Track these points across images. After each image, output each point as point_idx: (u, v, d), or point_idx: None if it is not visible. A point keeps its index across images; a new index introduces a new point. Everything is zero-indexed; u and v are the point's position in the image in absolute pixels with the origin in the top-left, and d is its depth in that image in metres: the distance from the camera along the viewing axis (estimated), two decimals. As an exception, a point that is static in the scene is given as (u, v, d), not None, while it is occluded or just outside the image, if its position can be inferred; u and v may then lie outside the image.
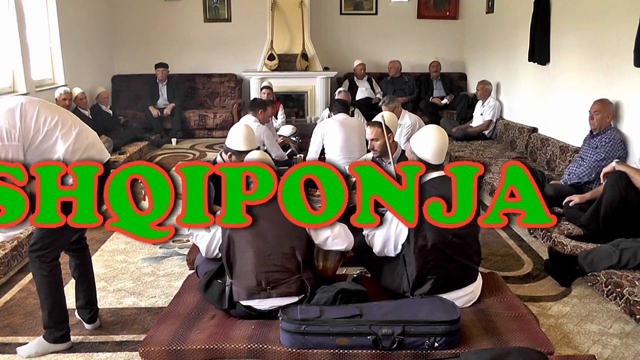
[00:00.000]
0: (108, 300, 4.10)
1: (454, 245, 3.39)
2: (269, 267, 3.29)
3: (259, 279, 3.29)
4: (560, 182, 5.67)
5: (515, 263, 4.78)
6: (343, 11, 11.36)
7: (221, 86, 11.23)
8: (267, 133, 6.66)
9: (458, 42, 11.51)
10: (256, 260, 3.29)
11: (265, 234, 3.30)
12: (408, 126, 6.66)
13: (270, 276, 3.30)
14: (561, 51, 7.19)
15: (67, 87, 8.18)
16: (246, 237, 3.31)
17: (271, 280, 3.30)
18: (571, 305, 4.01)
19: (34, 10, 8.32)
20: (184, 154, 9.16)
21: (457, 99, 10.33)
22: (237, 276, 3.34)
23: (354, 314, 3.06)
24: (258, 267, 3.29)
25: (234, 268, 3.35)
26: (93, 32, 10.20)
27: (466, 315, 3.31)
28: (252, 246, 3.30)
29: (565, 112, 7.06)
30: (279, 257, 3.30)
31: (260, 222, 3.28)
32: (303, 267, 3.35)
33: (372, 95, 10.36)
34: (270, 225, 3.31)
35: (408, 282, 3.41)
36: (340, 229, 3.46)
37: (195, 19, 11.13)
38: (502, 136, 8.71)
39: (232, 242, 3.33)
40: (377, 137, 4.74)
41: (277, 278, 3.30)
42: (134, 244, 5.17)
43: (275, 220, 3.29)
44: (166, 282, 4.40)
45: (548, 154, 7.04)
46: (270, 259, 3.30)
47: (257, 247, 3.30)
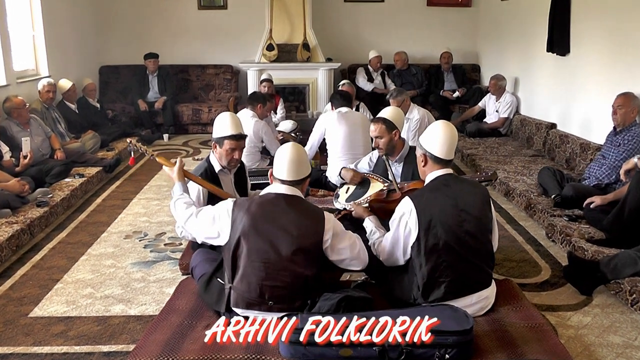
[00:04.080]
0: (95, 308, 4.09)
1: (467, 245, 3.40)
2: (276, 281, 3.27)
3: (263, 291, 3.28)
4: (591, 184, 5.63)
5: (532, 269, 4.76)
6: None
7: (216, 78, 11.23)
8: (265, 129, 6.66)
9: (471, 32, 11.50)
10: (264, 272, 3.26)
11: (280, 246, 3.26)
12: (416, 120, 6.66)
13: (276, 291, 3.29)
14: (582, 41, 7.17)
15: (51, 79, 8.17)
16: (258, 245, 3.26)
17: (275, 295, 3.29)
18: (592, 315, 4.00)
19: (15, -4, 8.31)
20: (177, 151, 9.15)
21: (469, 93, 10.34)
22: (239, 282, 3.32)
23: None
24: (265, 280, 3.27)
25: (236, 272, 3.33)
26: (79, 19, 10.20)
27: (479, 325, 3.31)
28: (263, 257, 3.26)
29: (586, 106, 7.05)
30: (289, 274, 3.27)
31: (277, 231, 3.27)
32: (312, 287, 3.35)
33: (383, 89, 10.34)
34: (287, 238, 3.27)
35: (419, 288, 3.41)
36: (359, 251, 3.46)
37: (189, 6, 11.12)
38: (518, 132, 8.70)
39: (240, 246, 3.28)
40: (382, 135, 4.73)
41: (283, 295, 3.30)
42: (123, 248, 5.18)
43: (293, 233, 3.27)
44: (157, 289, 4.40)
45: (567, 151, 7.04)
46: (279, 274, 3.27)
47: (269, 260, 3.26)
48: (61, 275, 4.63)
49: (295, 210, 3.32)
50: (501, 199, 6.46)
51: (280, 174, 3.40)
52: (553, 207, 5.54)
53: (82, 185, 6.66)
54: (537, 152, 7.88)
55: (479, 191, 3.55)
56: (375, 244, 3.72)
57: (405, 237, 3.44)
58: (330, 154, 6.25)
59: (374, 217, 4.07)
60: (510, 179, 6.54)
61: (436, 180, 3.51)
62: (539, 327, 3.34)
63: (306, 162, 3.49)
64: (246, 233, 3.26)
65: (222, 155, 4.30)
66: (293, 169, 3.39)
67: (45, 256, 5.03)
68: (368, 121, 6.12)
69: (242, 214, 3.30)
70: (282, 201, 3.35)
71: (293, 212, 3.31)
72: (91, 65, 10.67)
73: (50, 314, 3.98)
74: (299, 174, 3.41)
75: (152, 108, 10.13)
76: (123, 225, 5.78)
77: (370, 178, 4.91)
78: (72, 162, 7.20)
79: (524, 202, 5.99)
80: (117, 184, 7.22)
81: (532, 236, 5.46)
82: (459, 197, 3.42)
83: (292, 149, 3.44)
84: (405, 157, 4.82)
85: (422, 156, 3.55)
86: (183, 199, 3.73)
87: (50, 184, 6.46)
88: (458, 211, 3.39)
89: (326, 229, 3.33)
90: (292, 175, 3.38)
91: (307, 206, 3.46)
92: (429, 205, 3.38)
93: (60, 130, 7.86)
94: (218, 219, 3.38)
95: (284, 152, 3.43)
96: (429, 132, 3.56)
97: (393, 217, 3.53)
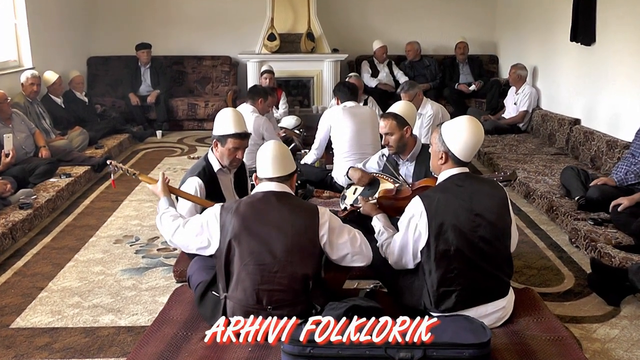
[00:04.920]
0: (82, 319, 4.09)
1: (481, 251, 3.39)
2: (273, 285, 3.29)
3: (260, 297, 3.29)
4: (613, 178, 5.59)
5: (554, 277, 4.75)
6: (355, -17, 11.35)
7: (214, 70, 11.23)
8: (266, 125, 6.65)
9: (488, 20, 11.48)
10: (259, 276, 3.28)
11: (273, 247, 3.29)
12: (429, 116, 6.66)
13: (274, 295, 3.30)
14: (609, 29, 7.16)
15: (35, 71, 8.17)
16: (251, 247, 3.29)
17: (274, 300, 3.30)
18: (620, 328, 3.98)
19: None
20: (171, 149, 9.17)
21: (486, 86, 10.32)
22: (234, 289, 3.34)
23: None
24: (261, 284, 3.29)
25: (230, 279, 3.35)
26: (66, 6, 10.17)
27: (497, 338, 3.30)
28: (257, 259, 3.28)
29: (613, 100, 7.03)
30: (286, 276, 3.29)
31: (270, 231, 3.30)
32: (312, 288, 3.35)
33: (391, 82, 10.34)
34: (281, 237, 3.30)
35: (429, 296, 3.41)
36: (361, 244, 3.47)
37: (185, -8, 11.15)
38: (539, 129, 8.69)
39: (232, 250, 3.31)
40: (392, 131, 4.73)
41: (281, 298, 3.31)
42: (113, 253, 5.18)
43: (286, 231, 3.30)
44: (150, 297, 4.40)
45: (593, 149, 7.02)
46: (276, 276, 3.29)
47: (263, 261, 3.28)
48: (46, 283, 4.62)
49: (287, 207, 3.37)
50: (521, 201, 6.45)
51: (265, 172, 3.46)
52: (577, 209, 5.52)
53: (68, 186, 6.66)
54: (559, 150, 7.87)
55: (496, 193, 3.54)
56: (384, 246, 3.72)
57: (415, 241, 3.45)
58: (336, 152, 6.24)
59: (382, 215, 4.07)
60: (531, 180, 6.52)
61: (450, 179, 3.50)
62: (562, 340, 3.34)
63: (290, 157, 3.56)
64: (237, 235, 3.29)
65: (224, 155, 4.31)
66: (277, 165, 3.45)
67: (29, 262, 5.03)
68: (377, 117, 6.12)
69: (231, 216, 3.33)
70: (272, 198, 3.39)
71: (285, 208, 3.36)
72: (79, 56, 10.68)
73: (34, 325, 3.98)
74: (285, 169, 3.47)
75: (145, 102, 10.14)
76: (113, 229, 5.78)
77: (380, 178, 4.90)
78: (58, 160, 7.19)
79: (545, 205, 5.97)
80: (107, 184, 7.20)
81: (554, 241, 5.45)
82: (473, 199, 3.41)
83: (272, 145, 3.52)
84: (418, 155, 4.81)
85: (443, 154, 3.52)
86: (169, 212, 3.73)
87: (34, 184, 6.45)
88: (472, 215, 3.38)
89: (321, 223, 3.37)
90: (277, 171, 3.44)
91: (299, 202, 3.55)
92: (440, 208, 3.37)
93: (45, 126, 7.85)
94: (206, 225, 3.41)
95: (265, 151, 3.50)
96: (455, 129, 3.50)
97: (402, 218, 3.54)
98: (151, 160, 8.41)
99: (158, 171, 7.71)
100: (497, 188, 3.59)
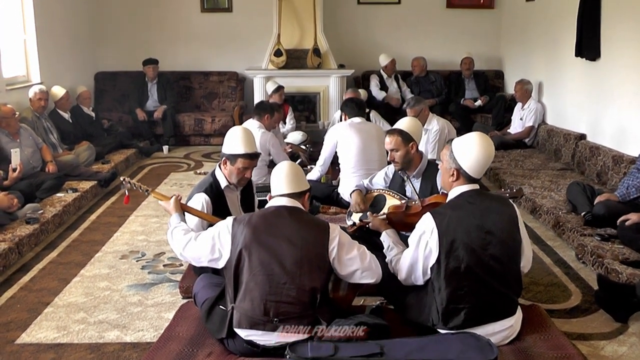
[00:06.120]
0: (88, 334, 4.08)
1: (492, 270, 3.37)
2: (281, 296, 3.29)
3: (267, 308, 3.29)
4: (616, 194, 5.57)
5: (561, 294, 4.73)
6: (361, 0, 11.37)
7: (220, 86, 11.25)
8: (273, 141, 6.66)
9: (494, 35, 11.49)
10: (268, 286, 3.29)
11: (283, 258, 3.30)
12: (435, 131, 6.65)
13: (281, 307, 3.29)
14: (614, 45, 7.15)
15: (42, 86, 8.21)
16: (261, 258, 3.30)
17: (281, 312, 3.29)
18: (629, 345, 3.95)
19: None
20: (177, 164, 9.18)
21: (492, 101, 10.31)
22: (242, 299, 3.33)
23: (373, 352, 3.04)
24: (269, 295, 3.29)
25: (239, 290, 3.35)
26: (74, 22, 10.25)
27: (504, 356, 3.28)
28: (266, 269, 3.29)
29: (619, 115, 7.01)
30: (294, 288, 3.29)
31: (281, 243, 3.31)
32: (320, 303, 3.34)
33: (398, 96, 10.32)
34: (291, 249, 3.31)
35: (437, 313, 3.39)
36: (370, 261, 3.47)
37: (191, 8, 11.17)
38: (545, 144, 8.67)
39: (242, 260, 3.32)
40: (397, 147, 4.71)
41: (288, 311, 3.30)
42: (119, 269, 5.17)
43: (297, 244, 3.31)
44: (155, 313, 4.39)
45: (599, 165, 7.00)
46: (284, 288, 3.29)
47: (272, 272, 3.29)
48: (51, 298, 4.62)
49: (298, 221, 3.40)
50: (527, 216, 6.42)
51: (279, 189, 3.52)
52: (583, 225, 5.50)
53: (75, 201, 6.66)
54: (565, 165, 7.84)
55: (506, 210, 3.52)
56: (393, 262, 3.71)
57: (425, 258, 3.43)
58: (342, 168, 6.23)
59: (392, 230, 4.07)
60: (537, 195, 6.50)
61: (461, 196, 3.49)
62: (569, 357, 3.31)
63: (303, 177, 3.63)
64: (247, 246, 3.31)
65: (233, 173, 4.32)
66: (291, 182, 3.52)
67: (35, 277, 5.03)
68: (383, 132, 6.11)
69: (243, 226, 3.37)
70: (284, 212, 3.43)
71: (296, 222, 3.39)
72: (86, 72, 10.73)
73: (39, 341, 3.97)
74: (298, 187, 3.53)
75: (151, 118, 10.16)
76: (119, 244, 5.77)
77: (386, 195, 4.88)
78: (65, 175, 7.21)
79: (551, 220, 5.95)
80: (113, 199, 7.22)
81: (560, 257, 5.42)
82: (484, 217, 3.39)
83: (286, 165, 3.62)
84: (424, 171, 4.78)
85: (455, 171, 3.51)
86: (180, 226, 3.77)
87: (40, 199, 6.47)
88: (483, 233, 3.36)
89: (331, 238, 3.39)
90: (291, 187, 3.50)
91: (311, 217, 3.59)
92: (452, 225, 3.36)
93: (52, 141, 7.88)
94: (218, 237, 3.43)
95: (279, 170, 3.59)
96: (466, 146, 3.50)
97: (412, 235, 3.52)
98: (158, 176, 8.41)
99: (165, 186, 7.73)
100: (507, 205, 3.58)
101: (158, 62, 10.41)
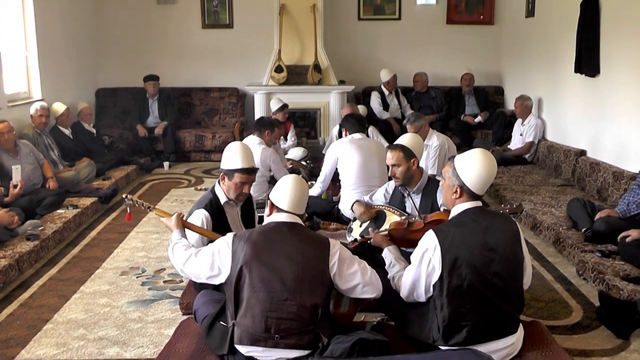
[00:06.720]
0: (87, 351, 4.07)
1: (494, 287, 3.37)
2: (282, 313, 3.29)
3: (269, 325, 3.29)
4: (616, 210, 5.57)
5: (562, 310, 4.71)
6: (361, 16, 11.43)
7: (221, 102, 11.28)
8: (273, 157, 6.67)
9: (494, 51, 11.53)
10: (269, 303, 3.29)
11: (284, 275, 3.30)
12: (436, 147, 6.66)
13: (282, 324, 3.29)
14: (613, 61, 7.17)
15: (44, 102, 8.22)
16: (261, 275, 3.30)
17: (282, 329, 3.29)
18: (630, 361, 3.95)
19: (8, 14, 8.40)
20: (178, 180, 9.17)
21: (492, 117, 10.32)
22: (242, 316, 3.33)
23: (374, 369, 3.02)
24: (270, 311, 3.29)
25: (240, 306, 3.35)
26: (75, 39, 10.28)
27: (505, 373, 3.26)
28: (267, 286, 3.30)
29: (619, 131, 7.02)
30: (295, 304, 3.29)
31: (281, 259, 3.31)
32: (321, 319, 3.34)
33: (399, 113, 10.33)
34: (292, 266, 3.31)
35: (439, 330, 3.38)
36: (371, 275, 3.48)
37: (192, 24, 11.22)
38: (545, 160, 8.68)
39: (243, 277, 3.33)
40: (399, 163, 4.72)
41: (289, 327, 3.30)
42: (119, 285, 5.16)
43: (297, 260, 3.31)
44: (155, 330, 4.38)
45: (599, 181, 7.00)
46: (285, 304, 3.29)
47: (273, 289, 3.29)
48: (51, 314, 4.61)
49: (298, 237, 3.42)
50: (528, 232, 6.41)
51: (282, 203, 3.50)
52: (584, 241, 5.50)
53: (75, 217, 6.66)
54: (565, 181, 7.84)
55: (509, 227, 3.52)
56: (395, 278, 3.71)
57: (428, 275, 3.42)
58: (343, 184, 6.24)
59: (394, 247, 4.07)
60: (537, 211, 6.50)
61: (464, 213, 3.49)
62: (571, 374, 3.30)
63: (306, 199, 3.63)
64: (248, 262, 3.32)
65: (231, 188, 4.33)
66: (295, 201, 3.51)
67: (35, 294, 5.02)
68: (384, 149, 6.11)
69: (243, 243, 3.38)
70: (284, 229, 3.45)
71: (296, 239, 3.41)
72: (87, 88, 10.76)
73: (39, 357, 3.97)
74: (299, 208, 3.54)
75: (152, 134, 10.17)
76: (119, 260, 5.77)
77: (387, 211, 4.87)
78: (66, 192, 7.20)
79: (552, 237, 5.94)
80: (114, 215, 7.22)
81: (561, 274, 5.41)
82: (487, 234, 3.39)
83: (296, 180, 3.58)
84: (424, 188, 4.79)
85: (458, 188, 3.51)
86: (181, 242, 3.79)
87: (41, 216, 6.46)
88: (486, 251, 3.36)
89: (332, 253, 3.40)
90: (293, 207, 3.50)
91: (311, 233, 3.62)
92: (455, 243, 3.36)
93: (53, 157, 7.89)
94: (218, 253, 3.44)
95: (288, 182, 3.56)
96: (469, 163, 3.50)
97: (415, 252, 3.51)
98: (158, 192, 8.41)
99: (165, 202, 7.73)
100: (510, 222, 3.58)
101: (159, 79, 10.43)
